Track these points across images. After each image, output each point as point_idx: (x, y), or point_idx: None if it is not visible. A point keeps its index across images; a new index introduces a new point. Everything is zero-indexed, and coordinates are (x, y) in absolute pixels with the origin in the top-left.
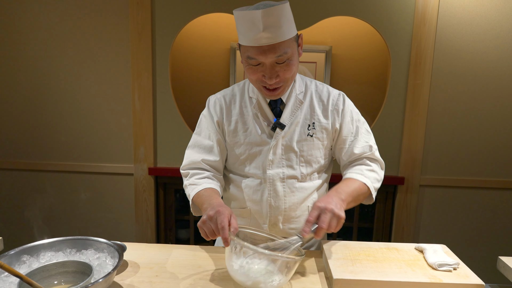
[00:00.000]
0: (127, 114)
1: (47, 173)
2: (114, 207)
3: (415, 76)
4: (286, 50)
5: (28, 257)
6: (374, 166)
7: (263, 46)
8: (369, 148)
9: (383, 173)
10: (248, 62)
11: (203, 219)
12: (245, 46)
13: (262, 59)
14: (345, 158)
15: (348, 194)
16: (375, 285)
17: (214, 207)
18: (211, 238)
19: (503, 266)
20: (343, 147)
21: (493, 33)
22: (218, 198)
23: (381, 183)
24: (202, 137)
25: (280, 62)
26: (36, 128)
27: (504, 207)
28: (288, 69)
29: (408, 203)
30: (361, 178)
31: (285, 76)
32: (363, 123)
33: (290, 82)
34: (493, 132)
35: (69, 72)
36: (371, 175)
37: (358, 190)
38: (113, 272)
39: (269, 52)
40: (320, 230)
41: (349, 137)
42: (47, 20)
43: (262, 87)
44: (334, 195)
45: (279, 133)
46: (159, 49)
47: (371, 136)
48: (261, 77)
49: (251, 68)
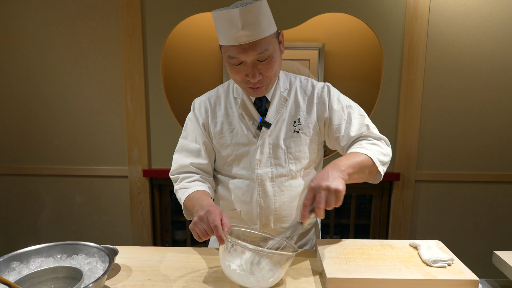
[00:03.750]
0: (120, 116)
1: (41, 177)
2: (110, 210)
3: (408, 71)
4: (267, 47)
5: (18, 263)
6: (376, 141)
7: (243, 44)
8: (366, 127)
9: (389, 149)
10: (229, 62)
11: (194, 221)
12: (225, 46)
13: (243, 57)
14: (344, 144)
15: (348, 165)
16: (369, 283)
17: (204, 207)
18: (204, 239)
19: (499, 261)
20: (339, 135)
21: (485, 26)
22: (208, 199)
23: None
24: (189, 141)
25: (262, 59)
26: (29, 132)
27: (500, 201)
28: (270, 66)
29: (404, 199)
30: (362, 150)
31: (267, 73)
32: (355, 107)
33: (274, 80)
34: (487, 126)
35: (61, 75)
36: (373, 147)
37: (360, 162)
38: (103, 276)
39: (249, 50)
40: (318, 211)
41: (343, 124)
42: (37, 23)
43: (246, 86)
44: (330, 168)
45: (265, 131)
46: (151, 50)
47: (366, 117)
48: (245, 77)
49: (234, 68)
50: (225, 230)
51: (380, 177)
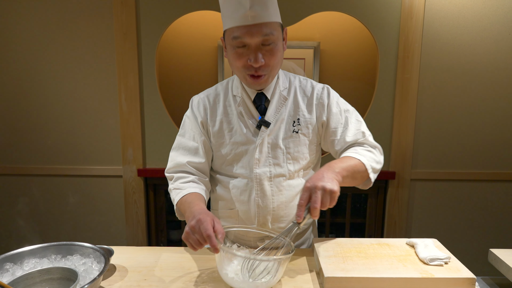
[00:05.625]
0: (114, 115)
1: (34, 177)
2: (104, 210)
3: (404, 70)
4: (272, 32)
5: (12, 265)
6: (371, 149)
7: (249, 25)
8: (362, 134)
9: (382, 157)
10: (233, 44)
11: (186, 231)
12: (230, 29)
13: (248, 39)
14: (338, 148)
15: (343, 168)
16: (367, 282)
17: (194, 216)
18: (199, 249)
19: (494, 259)
20: (335, 139)
21: (480, 25)
22: (199, 204)
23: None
24: (186, 139)
25: (266, 43)
26: (22, 131)
27: (495, 199)
28: (273, 54)
29: (399, 198)
30: (356, 156)
31: (270, 61)
32: (353, 112)
33: (274, 72)
34: (482, 124)
35: (54, 74)
36: (367, 154)
37: (353, 166)
38: (99, 277)
39: (255, 31)
40: (314, 210)
41: (339, 128)
42: (30, 21)
43: (246, 75)
44: (325, 169)
45: (264, 131)
46: (145, 48)
47: (363, 124)
48: (246, 62)
49: (236, 53)
50: (219, 237)
51: (370, 183)
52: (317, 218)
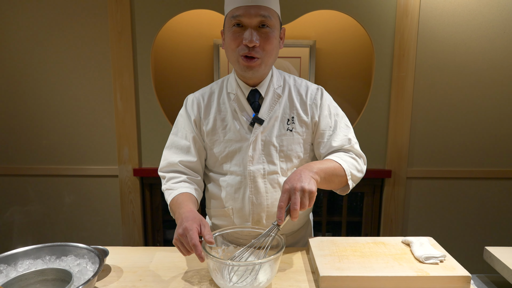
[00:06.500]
0: (110, 114)
1: (29, 177)
2: (100, 210)
3: (399, 68)
4: (270, 16)
5: (5, 266)
6: (355, 157)
7: (249, 5)
8: (348, 141)
9: (365, 167)
10: (231, 23)
11: (175, 237)
12: (231, 10)
13: (247, 18)
14: (323, 151)
15: (321, 169)
16: (362, 281)
17: (182, 221)
18: (189, 255)
19: (490, 256)
20: (321, 141)
21: (475, 23)
22: (188, 205)
23: (362, 178)
24: (179, 137)
25: (263, 25)
26: (17, 131)
27: (490, 197)
28: (268, 39)
29: (395, 196)
30: (338, 160)
31: (265, 45)
32: (342, 117)
33: (267, 60)
34: (478, 123)
35: (49, 73)
36: (349, 160)
37: (332, 169)
38: (94, 278)
39: (253, 12)
40: (294, 212)
41: (327, 131)
42: (25, 20)
43: (240, 56)
44: (303, 169)
45: (258, 128)
46: (140, 47)
47: (351, 130)
48: (241, 42)
49: (233, 34)
50: (207, 238)
51: (347, 190)
52: (296, 220)
